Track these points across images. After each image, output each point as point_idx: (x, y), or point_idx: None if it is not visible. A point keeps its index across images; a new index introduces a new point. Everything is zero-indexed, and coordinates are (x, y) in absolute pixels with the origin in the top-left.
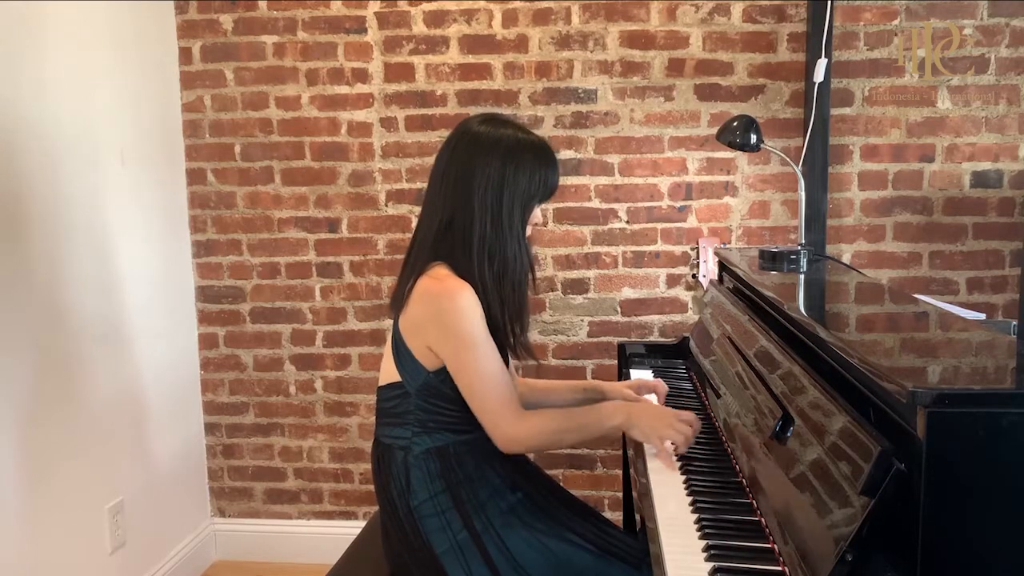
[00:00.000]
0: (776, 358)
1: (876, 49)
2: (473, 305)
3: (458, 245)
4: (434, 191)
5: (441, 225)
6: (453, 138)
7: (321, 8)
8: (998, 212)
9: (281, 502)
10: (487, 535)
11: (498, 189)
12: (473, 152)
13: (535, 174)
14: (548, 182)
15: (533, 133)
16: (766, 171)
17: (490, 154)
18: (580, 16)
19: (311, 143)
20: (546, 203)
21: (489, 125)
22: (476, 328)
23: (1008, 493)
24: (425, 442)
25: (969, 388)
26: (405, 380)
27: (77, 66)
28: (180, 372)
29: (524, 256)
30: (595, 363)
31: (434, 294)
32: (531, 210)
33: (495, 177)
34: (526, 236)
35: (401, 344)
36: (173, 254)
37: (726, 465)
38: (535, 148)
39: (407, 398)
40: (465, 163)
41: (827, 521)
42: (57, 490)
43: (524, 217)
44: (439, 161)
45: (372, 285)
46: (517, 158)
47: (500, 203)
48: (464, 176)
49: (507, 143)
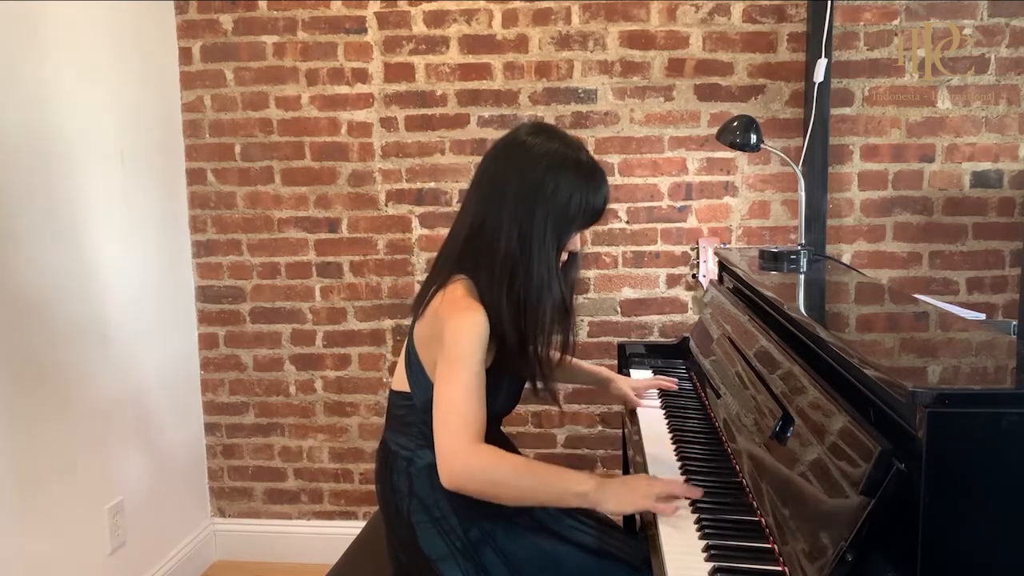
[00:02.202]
0: (776, 358)
1: (876, 49)
2: (478, 327)
3: (483, 256)
4: (471, 196)
5: (471, 231)
6: (500, 143)
7: (321, 8)
8: (998, 212)
9: (281, 502)
10: (484, 543)
11: (531, 202)
12: (513, 159)
13: (576, 195)
14: (591, 206)
15: (584, 150)
16: (766, 171)
17: (530, 164)
18: (580, 16)
19: (311, 143)
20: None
21: (538, 136)
22: (468, 353)
23: (1008, 493)
24: (428, 456)
25: (969, 388)
26: (414, 392)
27: (77, 66)
28: (180, 372)
29: (552, 283)
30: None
31: (445, 315)
32: (569, 235)
33: (530, 189)
34: (559, 261)
35: (414, 356)
36: (173, 254)
37: (726, 465)
38: (581, 167)
39: (414, 410)
40: (502, 169)
41: (827, 521)
42: (57, 490)
43: (559, 240)
44: (482, 166)
45: (372, 285)
46: (558, 174)
47: (532, 218)
48: (499, 182)
49: (552, 156)
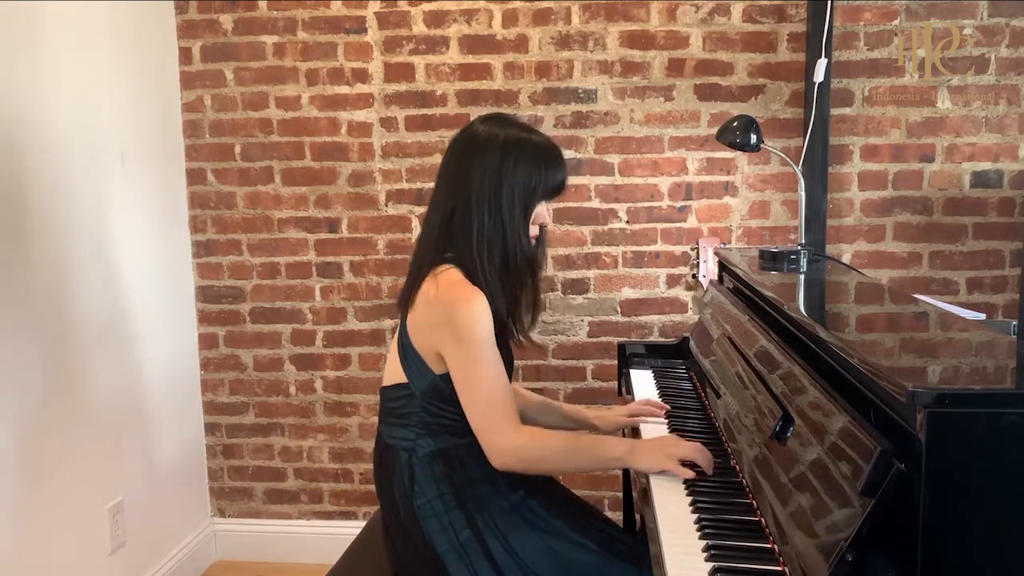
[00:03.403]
0: (776, 358)
1: (876, 49)
2: (485, 312)
3: (460, 240)
4: (438, 189)
5: (443, 222)
6: (457, 139)
7: (321, 8)
8: (998, 212)
9: (281, 502)
10: (489, 534)
11: (496, 180)
12: (472, 149)
13: (536, 170)
14: (551, 179)
15: (538, 132)
16: (766, 171)
17: (489, 149)
18: (580, 16)
19: (311, 143)
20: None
21: (491, 124)
22: (486, 336)
23: (1008, 493)
24: (429, 444)
25: (969, 388)
26: (411, 382)
27: (77, 66)
28: (180, 372)
29: (524, 245)
30: (595, 363)
31: (448, 300)
32: (533, 207)
33: (493, 169)
34: (528, 230)
35: (409, 346)
36: (173, 254)
37: (726, 465)
38: (536, 145)
39: (412, 400)
40: (465, 160)
41: (827, 521)
42: (57, 490)
43: (526, 212)
44: (444, 160)
45: (372, 285)
46: (516, 153)
47: (499, 195)
48: (463, 172)
49: (506, 139)
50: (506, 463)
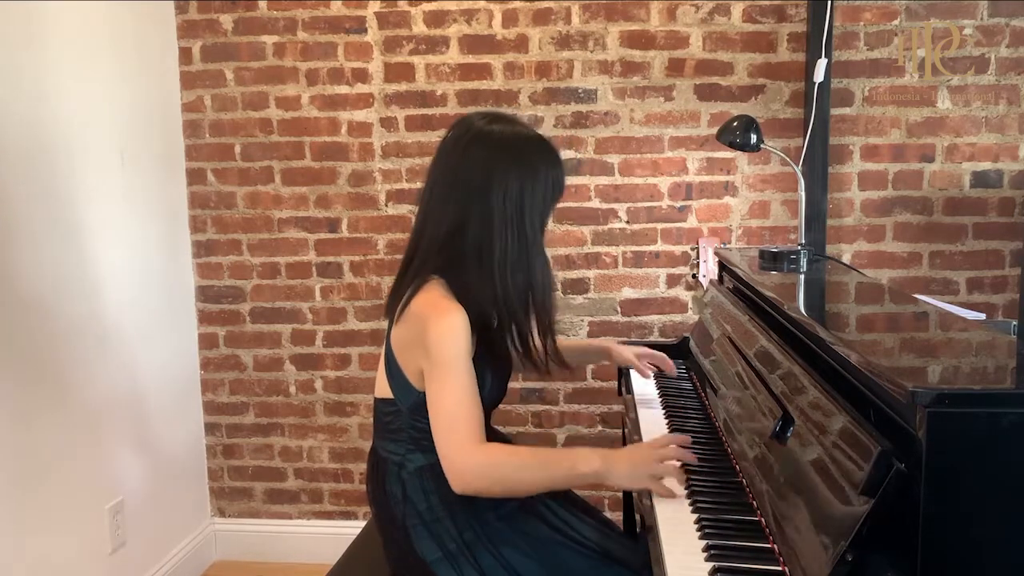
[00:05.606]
0: (776, 358)
1: (876, 49)
2: (459, 328)
3: (470, 257)
4: (442, 194)
5: (450, 233)
6: (462, 139)
7: (321, 8)
8: (998, 212)
9: (281, 502)
10: (480, 544)
11: (518, 201)
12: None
13: (548, 177)
14: (559, 181)
15: (530, 127)
16: (766, 171)
17: (505, 162)
18: (580, 16)
19: (311, 143)
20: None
21: (498, 123)
22: (457, 352)
23: (1008, 493)
24: (418, 459)
25: (969, 388)
26: (397, 398)
27: (77, 66)
28: (180, 372)
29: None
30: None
31: (423, 316)
32: (548, 215)
33: (514, 188)
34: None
35: (393, 362)
36: (173, 254)
37: (726, 465)
38: (540, 148)
39: (400, 416)
40: (480, 170)
41: (827, 521)
42: (57, 490)
43: (543, 225)
44: (445, 161)
45: (372, 285)
46: (529, 163)
47: (522, 216)
48: (481, 186)
49: (518, 146)
50: (468, 483)
